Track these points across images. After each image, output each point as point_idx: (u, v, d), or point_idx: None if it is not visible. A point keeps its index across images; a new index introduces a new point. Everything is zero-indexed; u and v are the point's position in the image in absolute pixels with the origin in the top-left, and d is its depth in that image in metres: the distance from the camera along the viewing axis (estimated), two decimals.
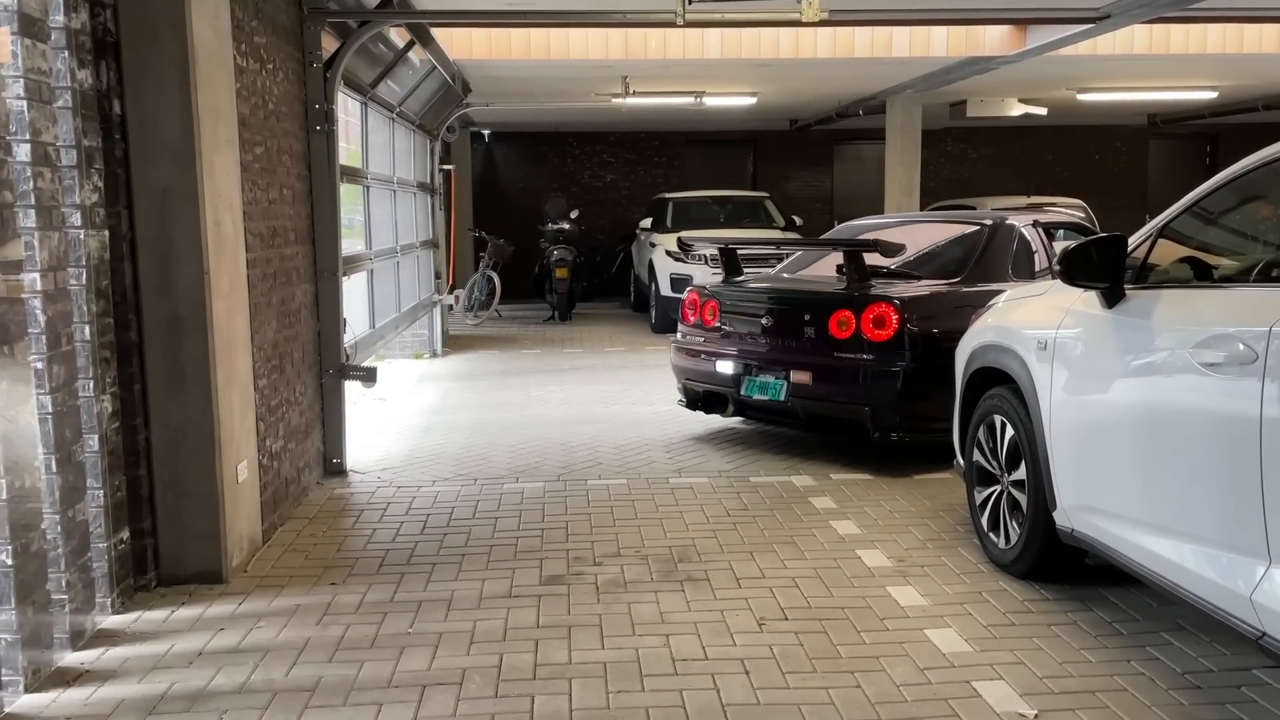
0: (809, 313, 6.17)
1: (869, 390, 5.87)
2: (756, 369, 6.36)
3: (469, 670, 3.50)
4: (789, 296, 6.53)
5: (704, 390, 6.78)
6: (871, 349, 5.84)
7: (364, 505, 5.53)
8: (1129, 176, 19.37)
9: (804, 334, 6.16)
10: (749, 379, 6.37)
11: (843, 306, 6.00)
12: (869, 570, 4.45)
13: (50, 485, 3.58)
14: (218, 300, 4.29)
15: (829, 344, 6.00)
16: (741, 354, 6.48)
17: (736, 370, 6.46)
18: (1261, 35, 9.98)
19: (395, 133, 9.46)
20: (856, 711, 3.19)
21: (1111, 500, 3.57)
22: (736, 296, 6.77)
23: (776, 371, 6.23)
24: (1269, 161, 3.23)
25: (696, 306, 6.98)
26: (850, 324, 5.92)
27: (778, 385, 6.19)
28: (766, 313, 6.42)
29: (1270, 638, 2.79)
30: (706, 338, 6.83)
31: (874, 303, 5.89)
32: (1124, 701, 3.23)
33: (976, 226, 6.80)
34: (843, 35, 9.59)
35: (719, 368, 6.59)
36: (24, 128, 3.44)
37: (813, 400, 6.09)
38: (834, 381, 6.00)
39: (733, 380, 6.48)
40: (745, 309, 6.62)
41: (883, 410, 5.81)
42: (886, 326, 5.80)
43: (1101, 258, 3.60)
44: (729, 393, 6.54)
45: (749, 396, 6.36)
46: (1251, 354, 2.81)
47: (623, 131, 18.58)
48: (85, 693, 3.36)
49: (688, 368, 6.91)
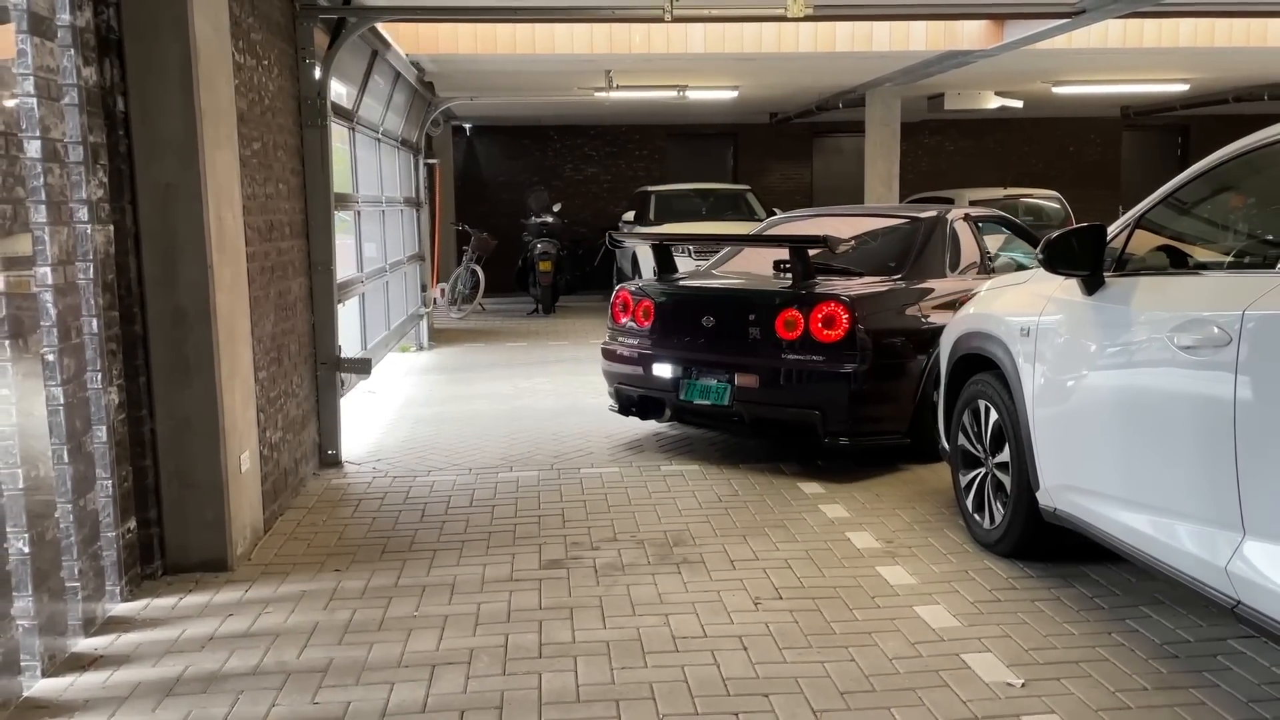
0: (754, 312, 5.85)
1: (819, 393, 5.61)
2: (697, 372, 6.01)
3: (476, 650, 3.61)
4: (732, 295, 6.23)
5: (639, 395, 6.38)
6: (821, 350, 5.59)
7: (361, 495, 5.62)
8: (1103, 168, 19.64)
9: (749, 335, 5.84)
10: (689, 382, 6.02)
11: (790, 305, 5.71)
12: (858, 551, 4.59)
13: (62, 475, 3.65)
14: (220, 293, 4.37)
15: (776, 345, 5.72)
16: (681, 356, 6.11)
17: (675, 373, 6.09)
18: (1231, 29, 10.18)
19: (381, 152, 9.49)
20: (852, 683, 3.33)
21: (1093, 479, 3.72)
22: (674, 295, 6.37)
23: (719, 374, 5.90)
24: (1241, 153, 3.38)
25: (628, 306, 6.52)
26: (798, 324, 5.65)
27: (721, 389, 5.86)
28: (708, 312, 6.05)
29: (1245, 606, 2.94)
30: (641, 339, 6.39)
31: (823, 301, 5.63)
32: (1106, 671, 3.38)
33: (911, 221, 6.65)
34: (824, 30, 9.72)
35: (656, 371, 6.20)
36: (34, 124, 3.51)
37: (759, 404, 5.79)
38: (782, 384, 5.72)
39: (671, 384, 6.11)
40: (684, 309, 6.24)
41: (833, 413, 5.57)
42: (837, 326, 5.55)
43: (1082, 246, 3.74)
44: (667, 397, 6.17)
45: (689, 401, 6.00)
46: (1225, 337, 2.96)
47: (604, 125, 18.66)
48: (101, 676, 3.45)
49: (620, 371, 6.49)
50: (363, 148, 8.58)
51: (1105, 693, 3.23)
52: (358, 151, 8.31)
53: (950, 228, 6.48)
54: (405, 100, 10.27)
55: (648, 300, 6.41)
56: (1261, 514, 2.86)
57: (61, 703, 3.27)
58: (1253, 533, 2.89)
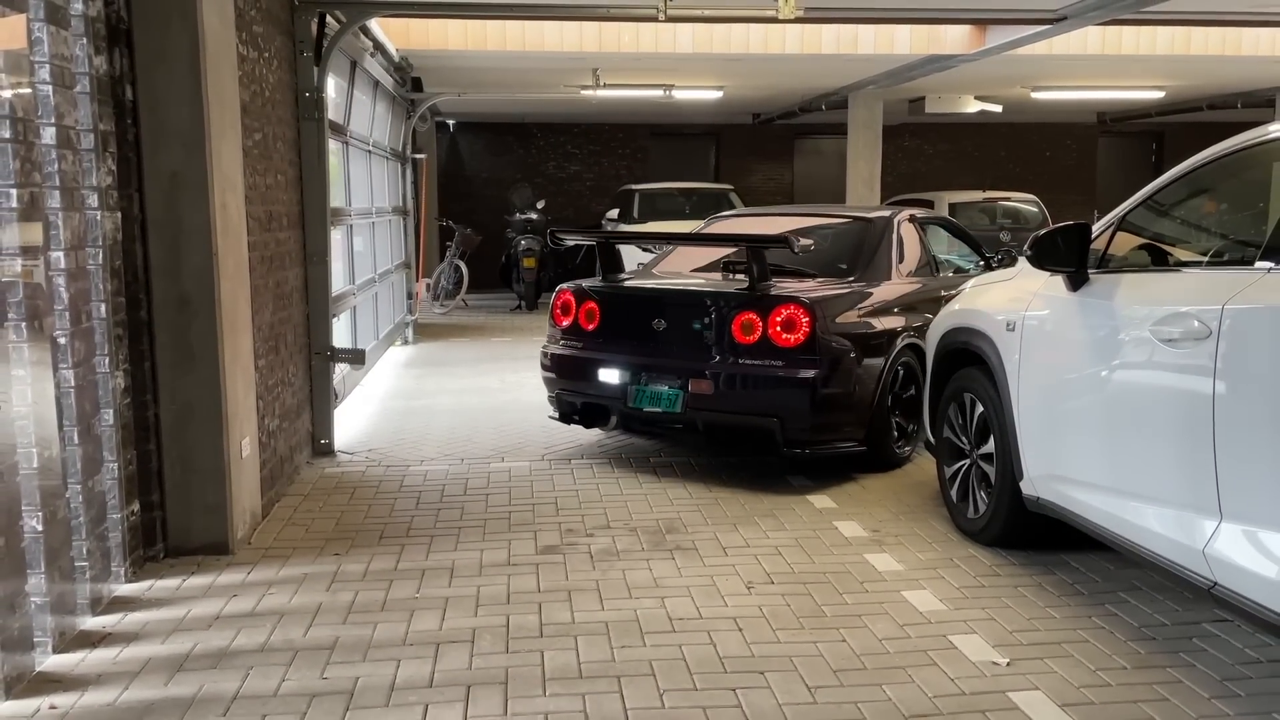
0: (708, 315, 5.57)
1: (777, 399, 5.37)
2: (647, 377, 5.69)
3: (479, 630, 3.71)
4: (685, 297, 5.87)
5: (583, 402, 6.05)
6: (780, 354, 5.34)
7: (356, 483, 5.69)
8: (1079, 172, 19.95)
9: (703, 339, 5.57)
10: (638, 389, 5.68)
11: (747, 308, 5.45)
12: (846, 540, 4.71)
13: (72, 457, 3.72)
14: (224, 281, 4.44)
15: (732, 349, 5.46)
16: (629, 361, 5.77)
17: (623, 379, 5.76)
18: (1207, 38, 10.42)
19: (371, 163, 9.49)
20: (843, 661, 3.45)
21: (1076, 468, 3.86)
22: (622, 297, 6.05)
23: (671, 380, 5.59)
24: (1218, 157, 3.53)
25: (571, 308, 6.13)
26: (756, 327, 5.39)
27: (673, 395, 5.56)
28: (658, 315, 5.73)
29: (1221, 587, 3.08)
30: (585, 343, 6.03)
31: (782, 304, 5.37)
32: (1087, 651, 3.53)
33: (859, 222, 6.49)
34: (811, 32, 9.86)
35: (602, 377, 5.86)
36: (49, 112, 3.58)
37: (714, 411, 5.52)
38: (738, 390, 5.46)
39: (618, 391, 5.77)
40: (632, 311, 5.91)
41: (792, 421, 5.35)
42: (796, 330, 5.31)
43: (1067, 244, 3.88)
44: (613, 404, 5.85)
45: (638, 408, 5.69)
46: (1206, 330, 3.10)
47: (587, 123, 18.75)
48: (112, 653, 3.52)
49: (563, 377, 6.13)
50: (347, 158, 8.56)
51: (1086, 671, 3.37)
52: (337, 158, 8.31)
53: (899, 229, 6.39)
54: (387, 108, 10.30)
55: (592, 302, 6.04)
56: (1238, 499, 3.00)
57: (74, 677, 3.34)
58: (1229, 517, 3.03)
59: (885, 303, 5.86)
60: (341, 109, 7.89)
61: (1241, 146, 3.43)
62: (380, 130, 10.02)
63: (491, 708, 3.14)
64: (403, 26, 9.35)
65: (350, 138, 8.18)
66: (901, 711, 3.11)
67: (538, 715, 3.09)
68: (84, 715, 3.10)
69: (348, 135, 8.03)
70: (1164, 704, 3.15)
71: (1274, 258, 3.04)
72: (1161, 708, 3.13)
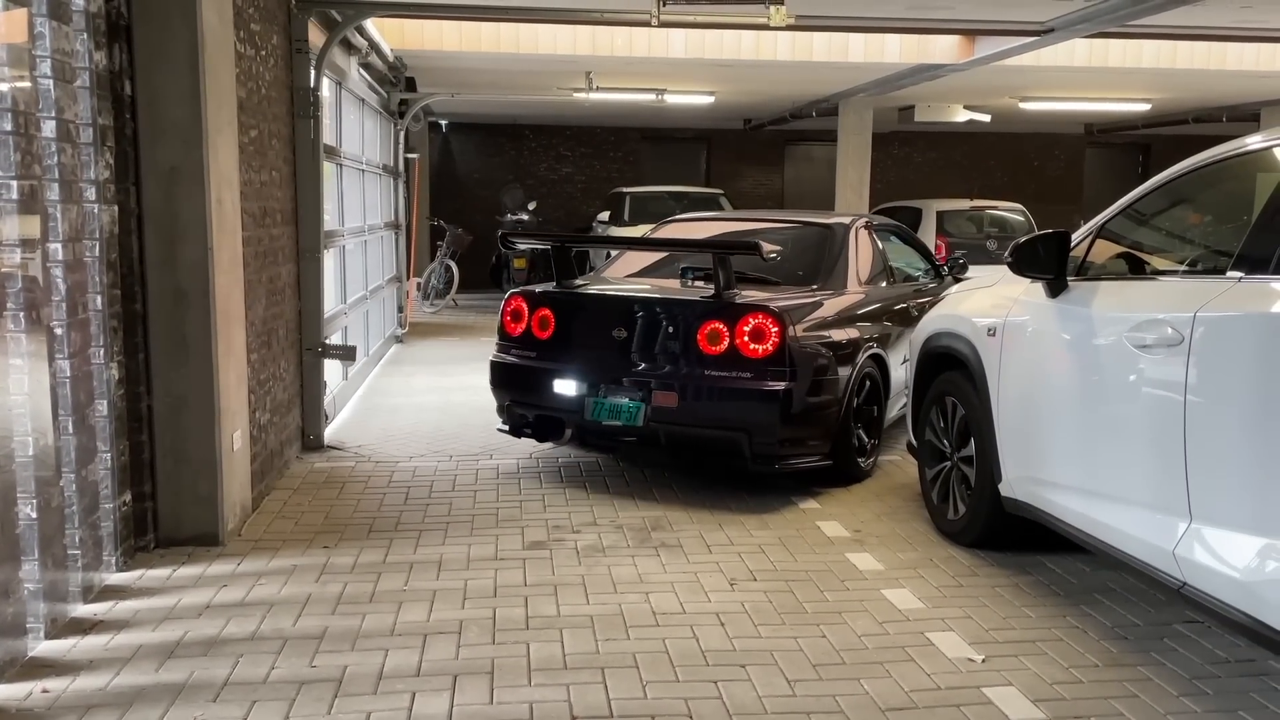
0: (673, 324, 5.33)
1: (746, 412, 5.16)
2: (606, 389, 5.41)
3: (466, 622, 3.77)
4: (648, 305, 5.51)
5: (535, 414, 5.74)
6: (749, 365, 5.13)
7: (345, 478, 5.74)
8: (1066, 183, 20.12)
9: (668, 348, 5.32)
10: (596, 401, 5.41)
11: (713, 316, 5.22)
12: (828, 539, 4.79)
13: (66, 446, 3.77)
14: (219, 275, 4.49)
15: (698, 360, 5.22)
16: (587, 372, 5.48)
17: (580, 390, 5.46)
18: (1193, 52, 10.56)
19: (364, 181, 9.47)
20: (823, 656, 3.53)
21: (1053, 470, 3.95)
22: (579, 304, 5.76)
23: (632, 392, 5.34)
24: (1194, 168, 3.63)
25: (523, 315, 5.78)
26: (723, 336, 5.16)
27: (634, 408, 5.30)
28: (619, 323, 5.45)
29: (1190, 587, 3.17)
30: (539, 352, 5.69)
31: (750, 312, 5.16)
32: (1060, 649, 3.61)
33: (818, 228, 6.34)
34: (802, 39, 9.96)
35: (557, 388, 5.54)
36: (50, 105, 3.63)
37: (678, 425, 5.26)
38: (704, 402, 5.22)
39: (575, 403, 5.48)
40: (591, 319, 5.64)
41: (761, 435, 5.14)
42: (765, 340, 5.10)
43: (1047, 251, 3.98)
44: (569, 417, 5.57)
45: (596, 421, 5.40)
46: (1179, 336, 3.20)
47: (579, 126, 18.83)
48: (103, 640, 3.57)
49: (514, 388, 5.82)
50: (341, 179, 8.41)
51: (1060, 669, 3.46)
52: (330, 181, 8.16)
53: (857, 237, 6.24)
54: (375, 125, 10.28)
55: (546, 309, 5.71)
56: (1207, 501, 3.09)
57: (66, 662, 3.39)
58: (1199, 518, 3.12)
59: (850, 312, 5.73)
60: (332, 131, 7.82)
61: (1219, 158, 3.52)
62: (371, 147, 9.96)
63: (478, 696, 3.20)
64: (397, 27, 9.41)
65: (343, 159, 8.13)
66: (878, 705, 3.19)
67: (523, 704, 3.16)
68: (76, 699, 3.15)
69: (340, 156, 7.99)
70: (1134, 700, 3.24)
71: (1245, 267, 3.14)
72: (1131, 704, 3.21)
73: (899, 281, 6.65)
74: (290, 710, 3.10)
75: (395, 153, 11.33)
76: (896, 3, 7.65)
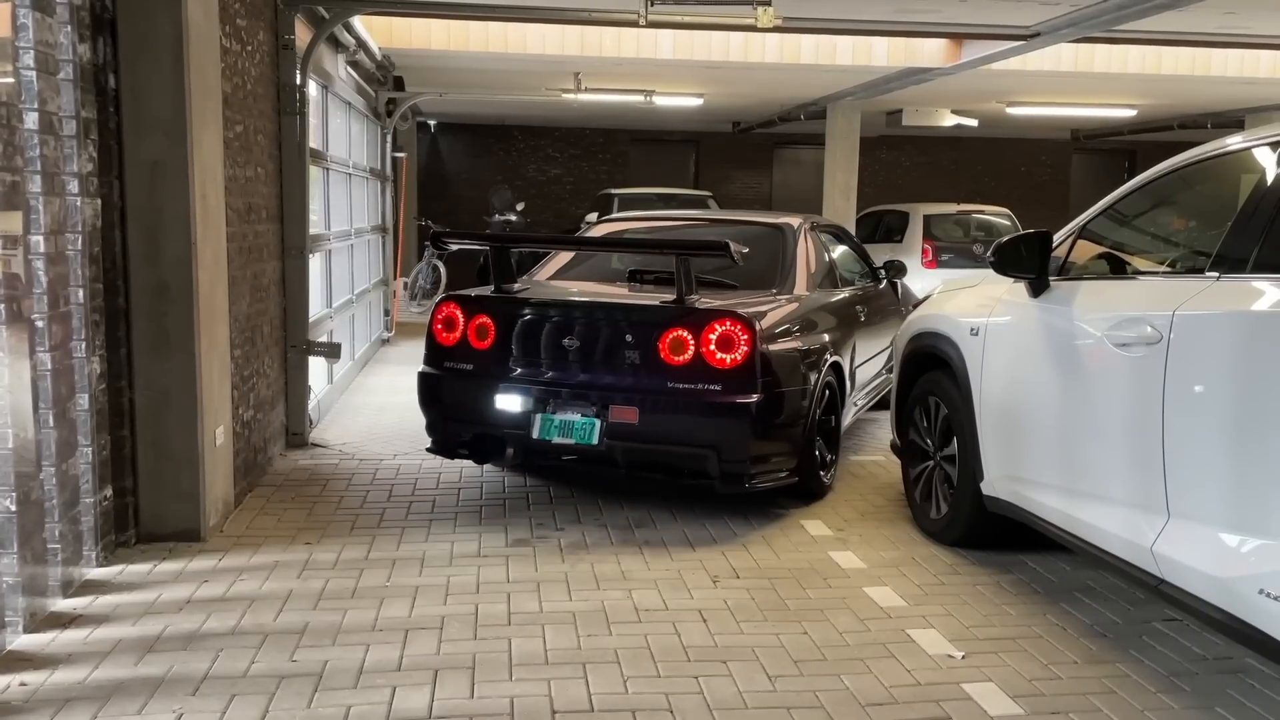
0: (632, 332, 4.87)
1: (714, 428, 4.78)
2: (555, 404, 4.94)
3: (447, 618, 3.77)
4: (602, 311, 5.06)
5: (474, 433, 5.23)
6: (717, 376, 4.72)
7: (329, 475, 5.73)
8: (1052, 188, 20.24)
9: (625, 359, 4.86)
10: (544, 417, 4.92)
11: (677, 323, 4.79)
12: (812, 538, 4.80)
13: (47, 440, 3.75)
14: (202, 271, 4.48)
15: (660, 371, 4.79)
16: (534, 385, 4.99)
17: (526, 406, 4.97)
18: (1178, 58, 10.64)
19: (350, 185, 9.42)
20: (804, 653, 3.54)
21: (1034, 469, 3.97)
22: (523, 310, 5.15)
23: (586, 407, 4.88)
24: (1177, 168, 3.66)
25: (457, 324, 5.21)
26: (687, 345, 4.74)
27: (588, 425, 4.85)
28: (570, 332, 4.97)
29: (1168, 584, 3.19)
30: (477, 365, 5.15)
31: (717, 319, 4.75)
32: (1040, 646, 3.63)
33: (769, 229, 5.99)
34: (790, 42, 9.99)
35: (500, 404, 5.02)
36: (33, 97, 3.62)
37: (639, 442, 4.82)
38: (668, 418, 4.79)
39: (520, 419, 4.97)
40: (537, 327, 5.07)
41: (731, 452, 4.76)
42: (734, 348, 4.71)
43: (1029, 251, 4.00)
44: (513, 435, 5.04)
45: (545, 440, 4.92)
46: (1157, 335, 3.22)
47: (568, 127, 18.85)
48: (82, 634, 3.56)
49: (448, 404, 5.28)
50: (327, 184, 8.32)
51: (1039, 665, 3.47)
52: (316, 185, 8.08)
53: (807, 238, 5.95)
54: (362, 129, 10.23)
55: (485, 315, 5.16)
56: (1185, 498, 3.12)
57: (45, 656, 3.37)
58: (1176, 515, 3.15)
59: (812, 317, 5.41)
60: (319, 134, 7.76)
61: (1200, 158, 3.55)
62: (358, 151, 9.91)
63: (458, 691, 3.20)
64: (386, 25, 9.40)
65: (330, 163, 8.09)
66: (858, 700, 3.20)
67: (504, 699, 3.16)
68: (54, 692, 3.13)
69: (327, 160, 7.92)
70: (1112, 696, 3.25)
71: (1222, 267, 3.16)
72: (1110, 700, 3.23)
73: (842, 285, 6.31)
74: (270, 704, 3.09)
75: (382, 156, 11.32)
76: (883, 5, 7.68)
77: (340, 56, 8.30)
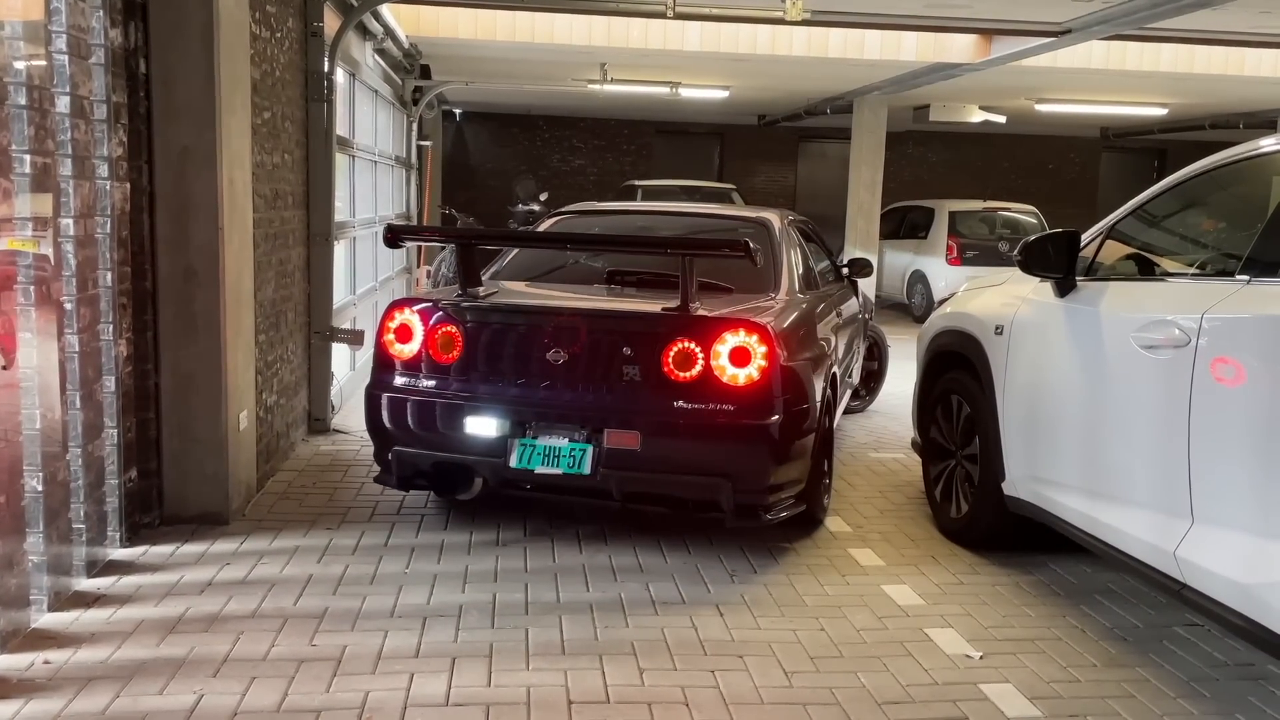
0: (628, 343, 4.24)
1: (729, 455, 4.18)
2: (536, 428, 4.29)
3: (465, 605, 3.79)
4: (593, 319, 4.38)
5: (435, 462, 4.47)
6: (730, 395, 4.13)
7: (350, 461, 5.76)
8: (1080, 186, 20.05)
9: (622, 374, 4.22)
10: (524, 443, 4.26)
11: (682, 333, 4.17)
12: (831, 534, 4.79)
13: (73, 421, 3.79)
14: (229, 256, 4.51)
15: (664, 389, 4.17)
16: (511, 405, 4.31)
17: (502, 430, 4.29)
18: (1210, 57, 10.51)
19: (377, 172, 9.42)
20: (821, 649, 3.53)
21: (1057, 470, 3.95)
22: (496, 318, 4.47)
23: (574, 431, 4.25)
24: (1208, 170, 3.62)
25: (411, 334, 4.48)
26: (694, 358, 4.14)
27: (578, 452, 4.21)
28: (555, 343, 4.28)
29: (1190, 589, 3.17)
30: (441, 382, 4.42)
31: (728, 326, 4.15)
32: (1058, 648, 3.61)
33: (753, 224, 5.39)
34: (817, 35, 9.94)
35: (469, 428, 4.32)
36: (65, 81, 3.65)
37: (640, 472, 4.20)
38: (675, 443, 4.19)
39: (494, 446, 4.29)
40: (515, 337, 4.40)
41: (747, 481, 4.18)
42: (749, 361, 4.12)
43: (1056, 251, 3.97)
44: (484, 464, 4.35)
45: (526, 469, 4.25)
46: (1185, 337, 3.19)
47: (593, 118, 18.83)
48: (105, 613, 3.60)
49: (405, 428, 4.47)
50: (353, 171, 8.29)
51: (1058, 667, 3.46)
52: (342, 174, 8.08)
53: (789, 234, 5.46)
54: (388, 118, 10.26)
55: (451, 324, 4.44)
56: (1209, 502, 3.09)
57: (68, 634, 3.42)
58: (1201, 520, 3.12)
59: (813, 322, 4.93)
60: (346, 122, 7.77)
61: (1232, 160, 3.51)
62: (384, 139, 9.94)
63: (476, 679, 3.22)
64: (413, 14, 9.42)
65: (356, 150, 8.11)
66: (875, 698, 3.19)
67: (520, 688, 3.17)
68: (77, 671, 3.17)
69: (353, 148, 7.94)
70: (1131, 701, 3.23)
71: (1253, 270, 3.12)
72: (1128, 704, 3.21)
73: (819, 285, 5.72)
74: (289, 687, 3.11)
75: (408, 145, 11.35)
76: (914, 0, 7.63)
77: (368, 44, 8.32)
